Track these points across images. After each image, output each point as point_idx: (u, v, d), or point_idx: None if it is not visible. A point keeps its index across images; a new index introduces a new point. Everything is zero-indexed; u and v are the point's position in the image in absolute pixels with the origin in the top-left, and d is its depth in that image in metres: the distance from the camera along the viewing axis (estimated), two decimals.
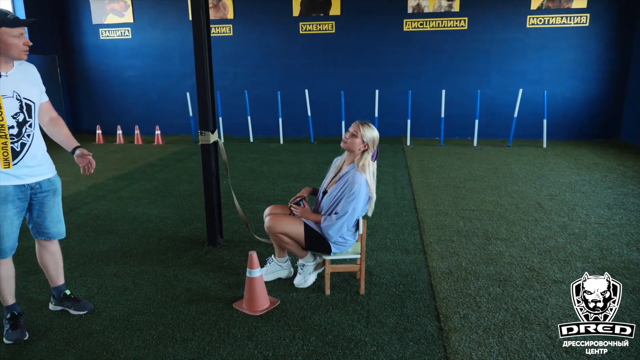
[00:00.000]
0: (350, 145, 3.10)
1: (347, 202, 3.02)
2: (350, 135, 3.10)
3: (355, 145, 3.08)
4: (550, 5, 9.34)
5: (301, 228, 3.12)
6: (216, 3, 10.38)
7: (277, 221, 3.14)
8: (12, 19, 2.45)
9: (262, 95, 10.55)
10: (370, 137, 3.08)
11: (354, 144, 3.08)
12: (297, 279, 3.36)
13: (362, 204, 3.07)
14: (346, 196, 3.02)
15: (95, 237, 4.40)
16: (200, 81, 3.83)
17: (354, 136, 3.08)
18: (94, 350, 2.63)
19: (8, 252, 2.66)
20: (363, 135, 3.07)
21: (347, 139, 3.12)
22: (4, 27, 2.43)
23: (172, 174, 7.06)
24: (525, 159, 7.74)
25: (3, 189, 2.55)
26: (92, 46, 11.13)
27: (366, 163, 3.09)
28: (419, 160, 7.72)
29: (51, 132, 2.86)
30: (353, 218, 3.06)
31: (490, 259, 3.80)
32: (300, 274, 3.35)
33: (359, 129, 3.08)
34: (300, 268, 3.36)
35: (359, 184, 3.01)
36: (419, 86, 10.01)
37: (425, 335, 2.74)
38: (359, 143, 3.08)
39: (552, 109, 9.49)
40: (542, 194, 5.65)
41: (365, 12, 10.00)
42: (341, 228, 3.05)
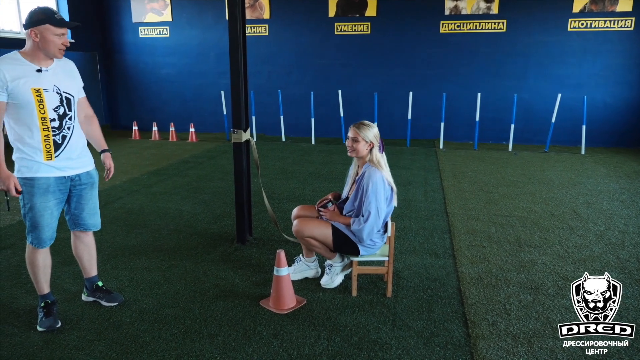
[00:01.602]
0: (357, 151, 3.12)
1: (368, 202, 3.01)
2: (351, 142, 3.11)
3: (361, 149, 3.10)
4: (593, 8, 9.05)
5: (329, 231, 3.12)
6: (253, 3, 10.49)
7: (305, 225, 3.15)
8: (58, 18, 2.55)
9: (295, 95, 10.60)
10: (371, 135, 3.10)
11: (359, 148, 3.10)
12: (324, 279, 3.36)
13: (384, 201, 3.05)
14: (367, 196, 3.02)
15: (128, 231, 4.50)
16: (235, 80, 3.87)
17: (355, 141, 3.09)
18: (123, 342, 2.69)
19: (47, 241, 2.75)
20: (364, 137, 3.08)
21: (350, 146, 3.12)
22: (49, 25, 2.52)
23: (204, 171, 7.17)
24: (562, 166, 7.53)
25: (45, 180, 2.64)
26: (131, 44, 11.40)
27: (377, 157, 3.12)
28: (452, 164, 7.61)
29: (84, 129, 2.94)
30: (380, 217, 3.04)
31: (521, 266, 3.71)
32: (328, 274, 3.35)
33: (358, 133, 3.08)
34: (327, 268, 3.36)
35: (374, 181, 3.01)
36: (454, 89, 9.87)
37: (452, 341, 2.69)
38: (363, 145, 3.10)
39: (591, 115, 9.19)
40: (579, 201, 5.48)
41: (401, 14, 9.92)
42: (372, 229, 3.04)
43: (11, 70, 2.49)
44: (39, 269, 2.81)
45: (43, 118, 2.57)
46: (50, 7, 2.58)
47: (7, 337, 2.73)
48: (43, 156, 2.61)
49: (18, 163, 2.62)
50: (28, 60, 2.56)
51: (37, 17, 2.51)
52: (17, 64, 2.53)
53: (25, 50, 2.58)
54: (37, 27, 2.51)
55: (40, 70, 2.58)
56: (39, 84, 2.56)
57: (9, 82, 2.47)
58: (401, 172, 6.95)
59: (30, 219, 2.67)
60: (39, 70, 2.57)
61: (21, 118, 2.56)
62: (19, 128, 2.58)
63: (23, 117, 2.55)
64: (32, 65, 2.56)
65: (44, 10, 2.53)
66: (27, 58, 2.57)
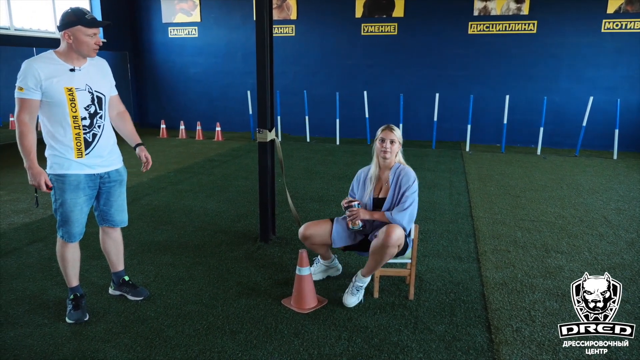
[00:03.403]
0: (393, 152, 3.14)
1: (410, 194, 3.05)
2: (389, 144, 3.11)
3: (396, 149, 3.14)
4: (629, 9, 8.81)
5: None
6: (280, 4, 10.55)
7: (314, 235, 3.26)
8: (89, 19, 2.60)
9: (321, 96, 10.61)
10: (400, 135, 3.18)
11: (395, 149, 3.13)
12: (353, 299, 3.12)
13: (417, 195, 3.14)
14: (408, 190, 3.06)
15: (154, 227, 4.58)
16: (261, 80, 3.90)
17: (393, 143, 3.11)
18: (148, 336, 2.74)
19: (77, 236, 2.83)
20: (399, 138, 3.15)
21: (389, 148, 3.11)
22: (80, 26, 2.58)
23: (229, 169, 7.24)
24: (593, 170, 7.34)
25: (75, 177, 2.71)
26: (161, 44, 11.61)
27: (401, 157, 3.20)
28: (478, 167, 7.50)
29: (117, 126, 3.01)
30: (416, 208, 3.10)
31: (548, 272, 3.64)
32: (355, 295, 3.12)
33: (394, 134, 3.12)
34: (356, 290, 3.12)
35: (413, 177, 3.10)
36: (482, 91, 9.73)
37: (475, 346, 2.66)
38: (397, 146, 3.15)
39: (625, 119, 8.92)
40: (610, 207, 5.34)
41: (429, 14, 9.84)
42: (412, 217, 3.07)
43: (45, 69, 2.56)
44: (69, 263, 2.89)
45: (74, 116, 2.64)
46: (81, 8, 2.62)
47: (37, 328, 2.81)
48: (74, 154, 2.68)
49: (50, 160, 2.70)
50: (62, 60, 2.63)
51: (68, 19, 2.57)
52: (51, 63, 2.60)
53: (60, 50, 2.65)
54: (70, 29, 2.57)
55: (73, 70, 2.65)
56: (71, 83, 2.63)
57: (43, 81, 2.54)
58: (426, 174, 6.89)
59: (61, 214, 2.74)
60: (72, 70, 2.64)
61: (53, 116, 2.63)
62: (51, 125, 2.65)
63: (55, 115, 2.63)
64: (65, 65, 2.63)
65: (75, 12, 2.58)
66: (61, 58, 2.64)
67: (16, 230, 4.47)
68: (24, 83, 2.53)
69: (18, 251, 3.97)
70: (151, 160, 3.09)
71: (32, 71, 2.52)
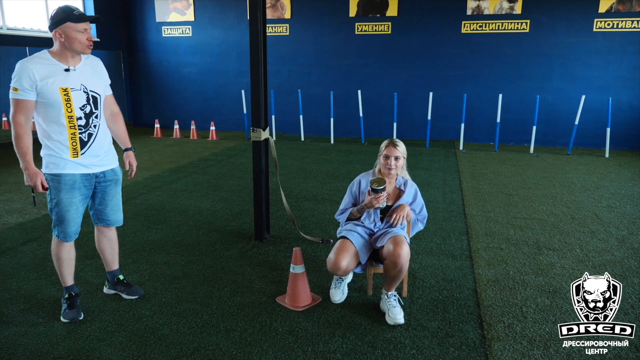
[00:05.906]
0: (399, 168, 3.14)
1: (420, 199, 3.21)
2: (395, 160, 3.07)
3: (401, 165, 3.14)
4: (620, 9, 8.88)
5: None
6: (274, 3, 10.56)
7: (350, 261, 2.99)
8: (78, 14, 2.60)
9: (315, 95, 10.64)
10: (404, 149, 3.15)
11: (399, 165, 3.12)
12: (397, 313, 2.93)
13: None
14: (418, 197, 3.20)
15: (149, 227, 4.59)
16: (255, 80, 3.92)
17: (398, 159, 3.09)
18: (143, 334, 2.76)
19: (72, 236, 2.83)
20: (404, 152, 3.13)
21: (394, 164, 3.08)
22: (69, 22, 2.58)
23: (224, 169, 7.25)
24: (585, 169, 7.41)
25: (71, 177, 2.72)
26: (155, 43, 11.58)
27: (405, 172, 3.25)
28: (471, 165, 7.55)
29: (110, 126, 3.01)
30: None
31: (540, 269, 3.68)
32: (397, 307, 2.97)
33: (398, 151, 3.08)
34: (394, 300, 3.00)
35: (416, 187, 3.23)
36: (475, 90, 9.78)
37: (467, 342, 2.69)
38: (403, 161, 3.14)
39: (616, 118, 9.01)
40: (601, 205, 5.40)
41: (422, 14, 9.88)
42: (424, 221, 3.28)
43: (40, 69, 2.56)
44: (64, 262, 2.89)
45: (70, 116, 2.65)
46: (69, 5, 2.62)
47: (32, 327, 2.82)
48: (70, 153, 2.69)
49: (46, 159, 2.70)
50: (57, 60, 2.63)
51: (57, 17, 2.57)
52: (46, 64, 2.60)
53: (54, 50, 2.65)
54: (60, 26, 2.57)
55: (68, 70, 2.65)
56: (66, 83, 2.63)
57: (38, 82, 2.54)
58: (420, 173, 6.93)
59: (56, 213, 2.75)
60: (66, 70, 2.64)
61: (49, 116, 2.63)
62: (46, 125, 2.65)
63: (51, 115, 2.63)
64: (60, 65, 2.63)
65: (63, 9, 2.59)
66: (56, 57, 2.64)
67: (10, 230, 4.46)
68: (19, 84, 2.53)
69: (12, 251, 3.97)
70: (135, 168, 3.12)
71: (27, 72, 2.52)
